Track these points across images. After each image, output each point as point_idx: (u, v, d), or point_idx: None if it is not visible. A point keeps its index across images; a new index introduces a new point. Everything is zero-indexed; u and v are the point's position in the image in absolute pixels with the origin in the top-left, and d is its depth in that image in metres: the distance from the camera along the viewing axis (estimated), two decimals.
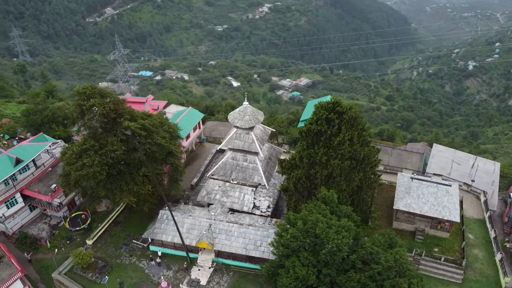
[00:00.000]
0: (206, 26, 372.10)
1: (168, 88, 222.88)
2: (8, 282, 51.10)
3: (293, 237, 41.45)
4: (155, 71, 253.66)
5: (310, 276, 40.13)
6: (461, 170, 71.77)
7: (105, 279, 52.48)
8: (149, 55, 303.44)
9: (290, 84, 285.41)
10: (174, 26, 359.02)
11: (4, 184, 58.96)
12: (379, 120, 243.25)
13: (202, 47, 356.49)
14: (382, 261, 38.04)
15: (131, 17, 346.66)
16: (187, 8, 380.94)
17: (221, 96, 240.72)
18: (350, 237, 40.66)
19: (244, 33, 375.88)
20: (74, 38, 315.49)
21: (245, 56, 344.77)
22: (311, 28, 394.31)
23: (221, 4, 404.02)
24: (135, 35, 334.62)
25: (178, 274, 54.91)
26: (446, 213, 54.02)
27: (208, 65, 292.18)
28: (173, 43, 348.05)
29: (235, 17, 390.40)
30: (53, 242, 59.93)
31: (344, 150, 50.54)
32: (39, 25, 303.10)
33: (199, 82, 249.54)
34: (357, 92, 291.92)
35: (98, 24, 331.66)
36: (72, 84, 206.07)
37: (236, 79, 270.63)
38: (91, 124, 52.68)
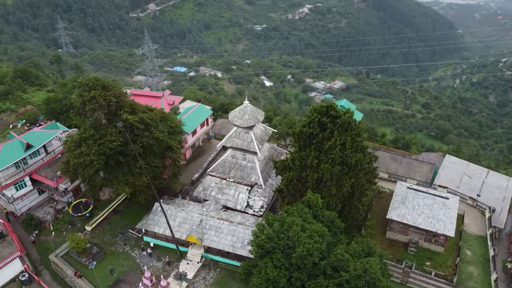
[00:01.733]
0: (245, 25, 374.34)
1: (201, 84, 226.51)
2: (7, 259, 54.21)
3: (268, 238, 41.51)
4: (190, 67, 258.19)
5: (281, 278, 40.10)
6: (471, 183, 69.14)
7: (92, 264, 54.56)
8: (187, 51, 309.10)
9: (323, 87, 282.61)
10: (213, 24, 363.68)
11: (15, 167, 62.36)
12: (412, 127, 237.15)
13: (239, 46, 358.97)
14: (351, 270, 37.41)
15: (172, 14, 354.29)
16: (228, 6, 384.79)
17: (252, 95, 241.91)
18: (324, 242, 40.24)
19: (282, 33, 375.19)
20: (117, 32, 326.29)
21: (282, 57, 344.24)
22: (351, 31, 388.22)
23: (262, 4, 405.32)
24: (175, 31, 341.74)
25: (167, 266, 56.14)
26: (441, 226, 52.25)
27: (243, 63, 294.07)
28: (212, 40, 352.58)
29: (275, 17, 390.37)
30: (56, 226, 62.77)
31: (335, 155, 49.98)
32: (85, 18, 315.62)
33: (232, 80, 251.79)
34: (392, 97, 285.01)
35: (141, 19, 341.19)
36: (109, 77, 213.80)
37: (269, 78, 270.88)
38: (91, 115, 54.76)
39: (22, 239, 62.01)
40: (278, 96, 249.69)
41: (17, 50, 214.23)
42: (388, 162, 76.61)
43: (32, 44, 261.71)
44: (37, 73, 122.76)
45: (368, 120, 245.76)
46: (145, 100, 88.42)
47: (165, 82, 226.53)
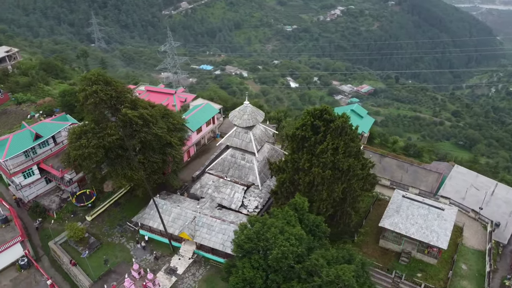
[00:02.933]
0: (275, 26, 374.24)
1: (225, 83, 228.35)
2: (9, 243, 56.61)
3: (248, 238, 41.71)
4: (216, 65, 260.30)
5: (257, 279, 40.24)
6: (478, 195, 66.97)
7: (84, 253, 56.26)
8: (215, 50, 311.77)
9: (350, 90, 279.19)
10: (244, 23, 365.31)
11: (24, 155, 65.10)
12: (440, 135, 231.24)
13: (269, 46, 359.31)
14: (323, 275, 37.13)
15: (204, 12, 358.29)
16: (259, 6, 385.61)
17: (276, 96, 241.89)
18: (301, 246, 40.08)
19: (312, 35, 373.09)
20: (149, 29, 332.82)
21: (311, 58, 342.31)
22: (383, 34, 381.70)
23: (293, 5, 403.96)
24: (205, 29, 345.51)
25: (156, 260, 57.20)
26: (434, 238, 50.97)
27: (271, 64, 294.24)
28: (241, 40, 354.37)
29: (306, 18, 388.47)
30: (59, 214, 65.05)
31: (326, 159, 49.64)
32: (119, 14, 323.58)
33: (257, 80, 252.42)
34: (421, 104, 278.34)
35: (173, 17, 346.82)
36: (137, 72, 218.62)
37: (295, 80, 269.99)
38: (93, 108, 56.39)
39: (27, 225, 64.81)
40: (302, 98, 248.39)
41: (51, 44, 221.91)
42: (394, 169, 75.24)
43: (67, 38, 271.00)
44: (62, 66, 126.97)
45: (393, 126, 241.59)
46: (159, 96, 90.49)
47: (191, 80, 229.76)
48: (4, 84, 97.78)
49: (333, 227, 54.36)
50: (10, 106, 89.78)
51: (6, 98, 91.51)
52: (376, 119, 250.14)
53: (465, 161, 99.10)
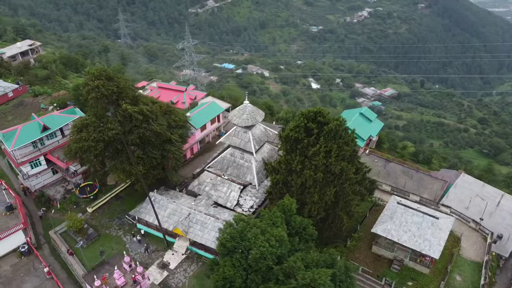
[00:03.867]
0: (301, 26, 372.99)
1: (246, 82, 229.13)
2: (11, 230, 58.68)
3: (231, 237, 41.97)
4: (238, 64, 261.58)
5: (237, 278, 40.45)
6: (482, 206, 65.10)
7: (79, 244, 57.74)
8: (239, 49, 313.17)
9: (373, 93, 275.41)
10: (269, 23, 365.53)
11: (32, 146, 67.36)
12: (463, 143, 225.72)
13: (293, 46, 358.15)
14: (299, 278, 37.05)
15: (230, 11, 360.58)
16: (285, 6, 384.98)
17: (296, 96, 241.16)
18: (281, 247, 40.06)
19: (338, 36, 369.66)
20: (175, 27, 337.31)
21: (335, 60, 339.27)
22: (411, 37, 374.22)
23: (320, 5, 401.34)
24: (231, 28, 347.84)
25: (153, 254, 58.21)
26: (426, 246, 49.94)
27: (294, 64, 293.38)
28: (266, 39, 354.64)
29: (332, 19, 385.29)
30: (63, 205, 66.98)
31: (318, 162, 49.38)
32: (147, 11, 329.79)
33: (278, 80, 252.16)
34: (446, 110, 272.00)
35: (199, 15, 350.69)
36: (159, 69, 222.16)
37: (317, 81, 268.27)
38: (95, 103, 57.80)
39: (32, 214, 67.05)
40: (323, 99, 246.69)
41: (79, 38, 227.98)
42: (398, 175, 74.04)
43: (95, 33, 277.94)
44: (83, 61, 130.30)
45: (416, 131, 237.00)
46: (170, 93, 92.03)
47: (211, 78, 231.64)
48: (24, 76, 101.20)
49: (325, 230, 54.21)
50: (27, 98, 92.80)
51: (24, 90, 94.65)
52: (397, 123, 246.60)
53: (480, 170, 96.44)
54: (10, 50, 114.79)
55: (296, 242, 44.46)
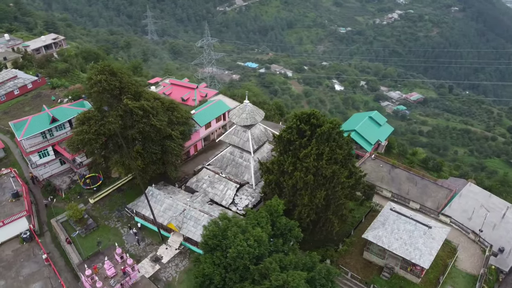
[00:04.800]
0: (329, 27, 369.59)
1: (267, 81, 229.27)
2: (15, 216, 60.91)
3: (213, 235, 42.33)
4: (262, 63, 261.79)
5: (216, 276, 40.81)
6: (487, 217, 63.19)
7: (74, 233, 59.33)
8: (265, 48, 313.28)
9: (398, 97, 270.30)
10: (297, 23, 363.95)
11: (41, 136, 69.72)
12: (490, 151, 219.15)
13: (320, 47, 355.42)
14: (272, 279, 37.07)
15: (258, 10, 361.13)
16: (314, 6, 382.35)
17: (318, 98, 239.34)
18: (260, 248, 40.11)
19: (367, 38, 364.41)
20: (203, 24, 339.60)
21: (362, 62, 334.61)
22: (442, 41, 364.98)
23: (350, 6, 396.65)
24: (258, 27, 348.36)
25: (147, 247, 59.26)
26: (416, 255, 48.87)
27: (318, 65, 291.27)
28: (293, 39, 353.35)
29: (361, 21, 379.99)
30: (67, 195, 68.97)
31: (309, 164, 49.11)
32: (176, 8, 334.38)
33: (301, 80, 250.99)
34: (474, 117, 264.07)
35: (227, 13, 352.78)
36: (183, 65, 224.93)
37: (341, 83, 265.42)
38: (98, 97, 59.27)
39: (38, 202, 69.33)
40: (346, 102, 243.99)
41: (107, 34, 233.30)
42: (403, 181, 72.68)
43: (124, 29, 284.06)
44: (104, 55, 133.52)
45: (440, 137, 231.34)
46: (181, 89, 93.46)
47: (234, 76, 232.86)
48: (44, 69, 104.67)
49: (316, 233, 53.88)
50: (45, 90, 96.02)
51: (43, 82, 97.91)
52: (422, 129, 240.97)
53: (494, 181, 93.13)
54: (34, 43, 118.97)
55: (280, 244, 44.38)
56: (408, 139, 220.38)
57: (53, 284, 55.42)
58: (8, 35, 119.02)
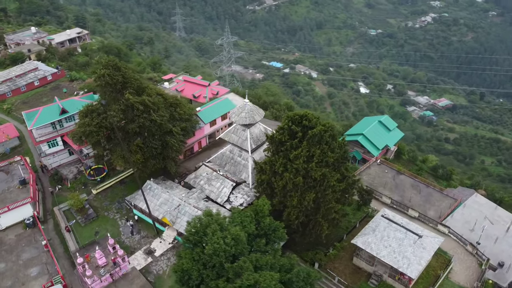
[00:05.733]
0: (359, 28, 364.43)
1: (291, 81, 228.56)
2: (20, 202, 63.31)
3: (195, 231, 42.77)
4: (287, 63, 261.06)
5: (193, 271, 41.23)
6: (490, 230, 61.18)
7: (71, 222, 61.11)
8: (292, 48, 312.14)
9: (426, 102, 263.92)
10: (326, 23, 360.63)
11: (52, 127, 72.17)
12: None
13: (349, 49, 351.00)
14: (243, 278, 37.16)
15: (287, 10, 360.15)
16: (345, 7, 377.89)
17: (342, 100, 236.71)
18: (238, 246, 40.23)
19: (397, 41, 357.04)
20: (231, 23, 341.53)
21: (391, 65, 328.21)
22: (477, 47, 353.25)
23: (382, 8, 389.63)
24: (286, 27, 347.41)
25: (142, 240, 60.42)
26: (404, 264, 47.81)
27: (345, 67, 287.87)
28: (321, 40, 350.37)
29: (393, 23, 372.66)
30: (73, 184, 71.11)
31: (298, 166, 48.85)
32: (205, 6, 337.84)
33: (326, 82, 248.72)
34: (505, 126, 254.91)
35: (256, 12, 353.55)
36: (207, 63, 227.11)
37: (367, 86, 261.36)
38: (102, 91, 60.84)
39: (46, 190, 71.76)
40: (370, 105, 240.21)
41: (136, 29, 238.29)
42: (407, 188, 71.17)
43: (154, 25, 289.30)
44: (127, 50, 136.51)
45: (467, 146, 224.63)
46: (194, 86, 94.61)
47: (258, 75, 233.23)
48: (66, 62, 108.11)
49: (306, 236, 53.53)
50: (64, 82, 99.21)
51: (63, 74, 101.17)
52: (448, 136, 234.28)
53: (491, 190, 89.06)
54: (59, 37, 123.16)
55: (263, 244, 44.36)
56: (433, 146, 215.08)
57: (49, 270, 57.32)
58: (34, 28, 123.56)
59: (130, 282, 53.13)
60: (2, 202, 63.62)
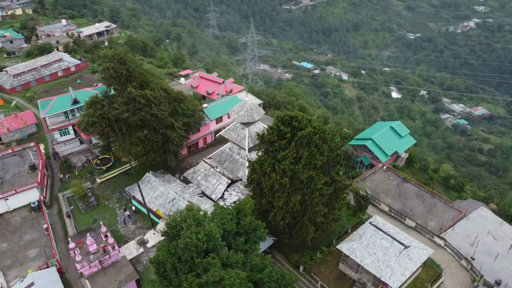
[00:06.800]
0: (397, 31, 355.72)
1: (320, 83, 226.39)
2: (27, 186, 66.23)
3: (174, 224, 43.34)
4: (318, 64, 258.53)
5: (168, 264, 41.87)
6: (492, 246, 58.65)
7: (69, 208, 63.23)
8: (325, 49, 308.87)
9: (461, 110, 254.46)
10: (363, 25, 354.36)
11: (64, 116, 75.00)
12: None
13: (385, 52, 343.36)
14: (209, 275, 37.41)
15: (323, 10, 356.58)
16: (383, 10, 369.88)
17: (371, 104, 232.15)
18: (210, 242, 40.48)
19: (437, 46, 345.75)
20: (266, 22, 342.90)
21: (428, 71, 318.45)
22: None
23: (423, 11, 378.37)
24: (322, 28, 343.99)
25: (137, 231, 61.84)
26: (386, 274, 46.59)
27: (378, 70, 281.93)
28: (357, 42, 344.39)
29: (433, 27, 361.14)
30: (80, 172, 73.60)
31: (285, 167, 48.55)
32: (241, 4, 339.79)
33: (356, 84, 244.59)
34: None
35: (292, 12, 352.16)
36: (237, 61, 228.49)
37: (400, 90, 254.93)
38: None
39: (55, 176, 74.66)
40: (401, 110, 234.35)
41: (170, 25, 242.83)
42: (410, 197, 69.17)
43: (189, 22, 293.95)
44: (153, 45, 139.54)
45: (502, 158, 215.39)
46: (208, 83, 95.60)
47: (287, 75, 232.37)
48: (90, 54, 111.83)
49: (293, 238, 53.14)
50: (85, 74, 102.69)
51: (86, 66, 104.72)
52: (482, 146, 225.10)
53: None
54: (88, 30, 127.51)
55: (241, 242, 44.44)
56: (464, 156, 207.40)
57: (47, 253, 59.68)
58: (65, 21, 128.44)
59: (118, 270, 54.42)
60: (11, 185, 66.81)
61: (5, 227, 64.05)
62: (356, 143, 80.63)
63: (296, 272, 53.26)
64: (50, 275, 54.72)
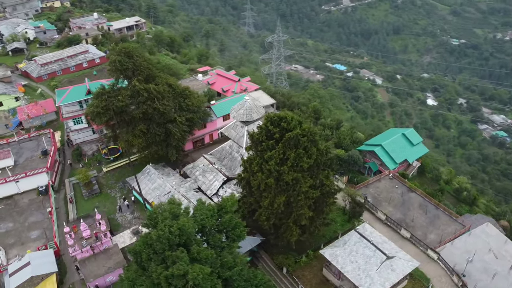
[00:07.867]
0: (440, 37, 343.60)
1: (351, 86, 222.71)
2: (36, 170, 69.30)
3: (155, 216, 44.15)
4: (352, 67, 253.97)
5: (143, 254, 42.74)
6: (492, 264, 55.92)
7: (70, 193, 65.55)
8: (361, 51, 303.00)
9: (501, 122, 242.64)
10: (404, 29, 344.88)
11: (79, 105, 77.90)
12: None
13: (426, 58, 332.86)
14: (175, 267, 37.93)
15: (364, 12, 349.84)
16: (427, 14, 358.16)
17: (404, 110, 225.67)
18: (182, 236, 40.96)
19: (482, 53, 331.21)
20: (305, 22, 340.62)
21: (471, 79, 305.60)
22: None
23: (469, 17, 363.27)
24: (361, 30, 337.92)
25: (134, 220, 63.40)
26: (366, 283, 45.43)
27: (416, 76, 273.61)
28: (397, 46, 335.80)
29: (479, 34, 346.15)
30: (89, 160, 76.20)
31: (271, 167, 48.31)
32: (280, 3, 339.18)
33: (390, 89, 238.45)
34: None
35: (331, 12, 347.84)
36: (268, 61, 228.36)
37: (436, 98, 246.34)
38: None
39: (66, 162, 77.60)
40: (435, 119, 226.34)
41: (205, 22, 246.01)
42: (413, 207, 67.05)
43: (226, 19, 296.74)
44: (180, 41, 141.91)
45: None
46: (224, 80, 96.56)
47: (318, 76, 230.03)
48: None
49: (278, 239, 52.83)
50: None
51: None
52: None
53: None
54: (118, 24, 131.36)
55: (218, 238, 44.70)
56: (501, 169, 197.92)
57: (47, 235, 62.30)
58: (96, 14, 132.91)
59: (108, 257, 56.00)
60: (23, 168, 70.13)
61: (13, 208, 67.36)
62: (365, 149, 78.82)
63: (279, 274, 52.92)
64: (46, 256, 57.03)
